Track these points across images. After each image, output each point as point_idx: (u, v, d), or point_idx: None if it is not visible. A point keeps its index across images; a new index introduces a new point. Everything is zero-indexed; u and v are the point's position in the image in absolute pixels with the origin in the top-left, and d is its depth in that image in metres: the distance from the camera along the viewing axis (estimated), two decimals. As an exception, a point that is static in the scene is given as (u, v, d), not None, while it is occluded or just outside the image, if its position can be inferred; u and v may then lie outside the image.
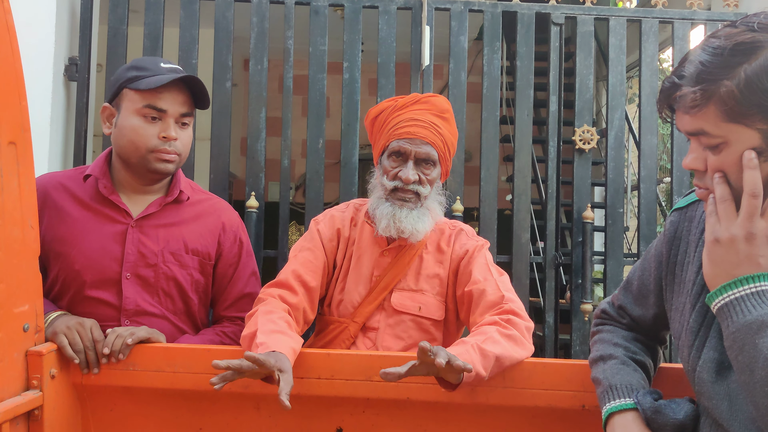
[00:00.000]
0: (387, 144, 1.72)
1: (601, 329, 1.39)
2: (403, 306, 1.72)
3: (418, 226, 1.69)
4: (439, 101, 1.75)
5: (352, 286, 1.74)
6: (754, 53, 0.96)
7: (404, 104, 1.73)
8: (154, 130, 1.62)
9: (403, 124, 1.70)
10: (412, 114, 1.71)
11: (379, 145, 1.76)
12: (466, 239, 1.78)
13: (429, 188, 1.72)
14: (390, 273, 1.73)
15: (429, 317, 1.72)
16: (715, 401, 1.05)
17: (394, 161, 1.71)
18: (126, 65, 1.68)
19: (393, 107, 1.75)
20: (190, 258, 1.70)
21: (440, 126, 1.72)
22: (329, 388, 1.46)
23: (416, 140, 1.69)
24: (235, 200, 5.81)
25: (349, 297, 1.74)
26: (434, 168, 1.72)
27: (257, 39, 3.08)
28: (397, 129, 1.70)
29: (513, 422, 1.47)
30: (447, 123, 1.74)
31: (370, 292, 1.73)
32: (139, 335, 1.50)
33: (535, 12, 3.18)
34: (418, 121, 1.70)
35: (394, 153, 1.71)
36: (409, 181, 1.68)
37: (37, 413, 1.38)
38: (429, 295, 1.73)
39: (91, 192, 1.68)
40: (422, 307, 1.72)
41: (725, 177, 1.02)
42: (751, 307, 0.97)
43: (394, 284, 1.73)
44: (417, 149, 1.68)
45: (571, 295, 3.18)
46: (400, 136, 1.69)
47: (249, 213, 3.03)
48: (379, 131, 1.77)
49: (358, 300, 1.73)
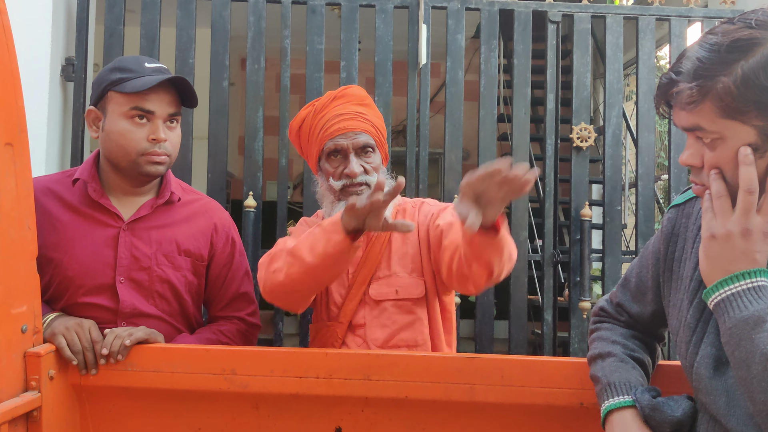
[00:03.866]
0: (321, 147, 1.72)
1: (599, 327, 1.39)
2: (381, 294, 1.71)
3: None
4: (355, 91, 1.76)
5: (333, 287, 1.75)
6: (751, 50, 0.96)
7: (323, 105, 1.74)
8: (142, 133, 1.60)
9: (331, 123, 1.70)
10: (335, 111, 1.71)
11: (313, 152, 1.75)
12: (428, 207, 1.79)
13: (376, 175, 1.71)
14: (365, 266, 1.74)
15: (408, 297, 1.71)
16: (712, 397, 1.05)
17: (333, 161, 1.71)
18: (109, 66, 1.64)
19: (313, 112, 1.75)
20: (183, 259, 1.69)
21: (365, 113, 1.72)
22: (328, 388, 1.46)
23: (348, 133, 1.69)
24: (233, 200, 5.82)
25: (333, 298, 1.75)
26: (374, 154, 1.73)
27: (254, 38, 3.08)
28: (326, 130, 1.70)
29: (511, 420, 1.47)
30: (371, 109, 1.76)
31: (350, 289, 1.73)
32: (137, 336, 1.50)
33: (531, 10, 3.18)
34: (343, 115, 1.70)
35: (332, 153, 1.70)
36: (356, 173, 1.68)
37: (35, 414, 1.38)
38: (403, 276, 1.72)
39: (80, 196, 1.66)
40: (399, 289, 1.72)
41: (721, 173, 1.02)
42: (747, 302, 0.97)
43: (371, 276, 1.73)
44: (353, 141, 1.69)
45: (570, 292, 3.18)
46: (332, 134, 1.69)
47: (247, 212, 3.03)
48: (307, 140, 1.77)
49: (339, 300, 1.74)
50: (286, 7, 3.09)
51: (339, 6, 3.14)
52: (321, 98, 1.77)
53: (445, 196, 3.13)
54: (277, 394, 1.48)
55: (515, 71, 3.19)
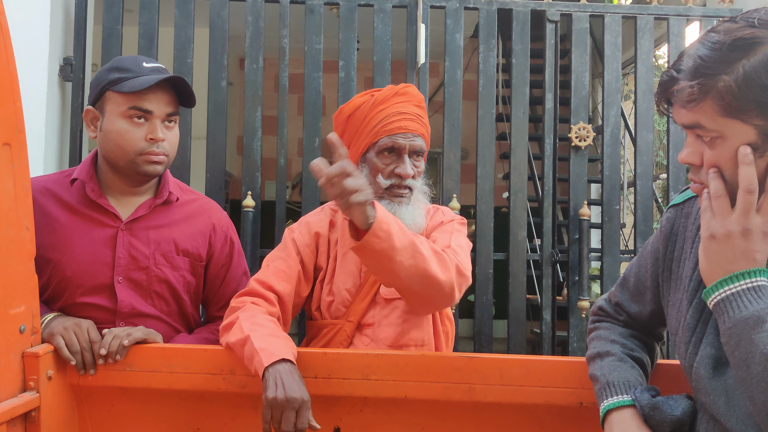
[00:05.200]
0: (375, 141, 1.67)
1: (598, 326, 1.39)
2: (392, 293, 1.68)
3: (417, 219, 1.69)
4: (416, 92, 1.74)
5: (340, 286, 1.71)
6: (753, 49, 0.96)
7: (384, 98, 1.69)
8: (140, 133, 1.60)
9: (392, 119, 1.66)
10: (397, 107, 1.68)
11: (361, 143, 1.70)
12: (441, 215, 1.78)
13: (419, 180, 1.72)
14: None
15: None
16: (712, 397, 1.05)
17: (386, 158, 1.68)
18: (107, 66, 1.64)
19: (371, 102, 1.70)
20: (181, 259, 1.69)
21: (423, 117, 1.71)
22: (327, 388, 1.46)
23: (408, 134, 1.66)
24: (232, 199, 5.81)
25: (339, 297, 1.70)
26: (422, 160, 1.72)
27: (252, 38, 3.08)
28: (385, 125, 1.66)
29: (511, 420, 1.47)
30: (425, 113, 1.75)
31: (361, 288, 1.70)
32: (135, 336, 1.50)
33: (530, 9, 3.18)
34: (405, 114, 1.67)
35: (386, 149, 1.67)
36: (408, 176, 1.66)
37: (34, 414, 1.37)
38: None
39: (78, 196, 1.66)
40: None
41: (720, 172, 1.02)
42: (747, 302, 0.97)
43: None
44: (411, 143, 1.67)
45: (568, 292, 3.18)
46: (392, 131, 1.66)
47: (246, 212, 3.02)
48: (357, 129, 1.71)
49: (348, 299, 1.70)
50: (285, 7, 3.09)
51: (337, 6, 3.14)
52: (382, 90, 1.72)
53: (443, 196, 3.14)
54: (276, 394, 1.47)
55: (514, 70, 3.19)
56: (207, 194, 2.75)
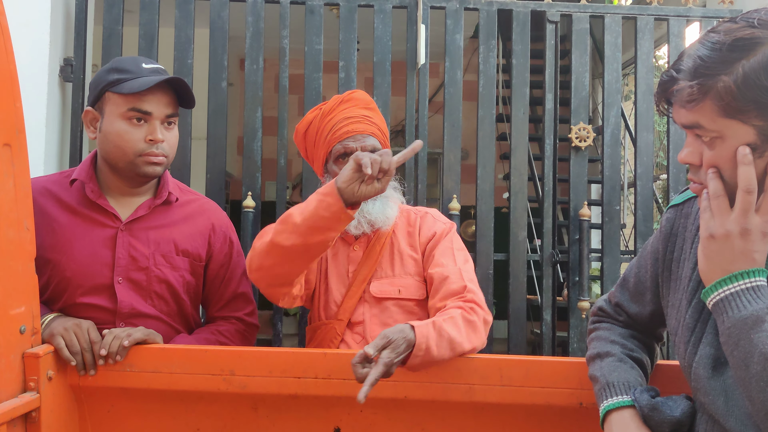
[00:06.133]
0: (329, 150, 1.73)
1: (598, 327, 1.39)
2: (382, 292, 1.73)
3: (387, 212, 1.74)
4: (362, 95, 1.79)
5: (333, 285, 1.76)
6: (752, 49, 0.96)
7: (330, 108, 1.76)
8: (140, 134, 1.60)
9: (339, 126, 1.72)
10: (343, 113, 1.73)
11: (320, 156, 1.77)
12: (432, 222, 1.81)
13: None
14: (365, 265, 1.75)
15: (410, 298, 1.73)
16: (711, 397, 1.05)
17: (342, 163, 1.72)
18: (106, 67, 1.64)
19: (320, 115, 1.76)
20: (181, 259, 1.69)
21: (371, 116, 1.75)
22: (326, 388, 1.46)
23: (357, 136, 1.71)
24: (232, 200, 5.81)
25: (332, 296, 1.76)
26: None
27: (253, 38, 3.08)
28: (334, 133, 1.72)
29: (511, 420, 1.47)
30: (375, 113, 1.78)
31: (349, 287, 1.75)
32: (136, 336, 1.50)
33: (530, 10, 3.18)
34: (351, 118, 1.72)
35: (340, 156, 1.72)
36: None
37: (34, 415, 1.37)
38: (407, 277, 1.74)
39: (78, 197, 1.66)
40: (402, 289, 1.73)
41: (719, 172, 1.02)
42: (746, 302, 0.97)
43: (371, 275, 1.74)
44: (361, 144, 1.71)
45: (569, 292, 3.18)
46: (341, 137, 1.71)
47: (246, 213, 3.02)
48: (313, 143, 1.78)
49: (339, 298, 1.75)
50: (285, 8, 3.09)
51: (337, 6, 3.14)
52: (327, 102, 1.79)
53: (443, 196, 3.13)
54: (275, 395, 1.48)
55: (514, 71, 3.18)
56: (207, 195, 2.76)
